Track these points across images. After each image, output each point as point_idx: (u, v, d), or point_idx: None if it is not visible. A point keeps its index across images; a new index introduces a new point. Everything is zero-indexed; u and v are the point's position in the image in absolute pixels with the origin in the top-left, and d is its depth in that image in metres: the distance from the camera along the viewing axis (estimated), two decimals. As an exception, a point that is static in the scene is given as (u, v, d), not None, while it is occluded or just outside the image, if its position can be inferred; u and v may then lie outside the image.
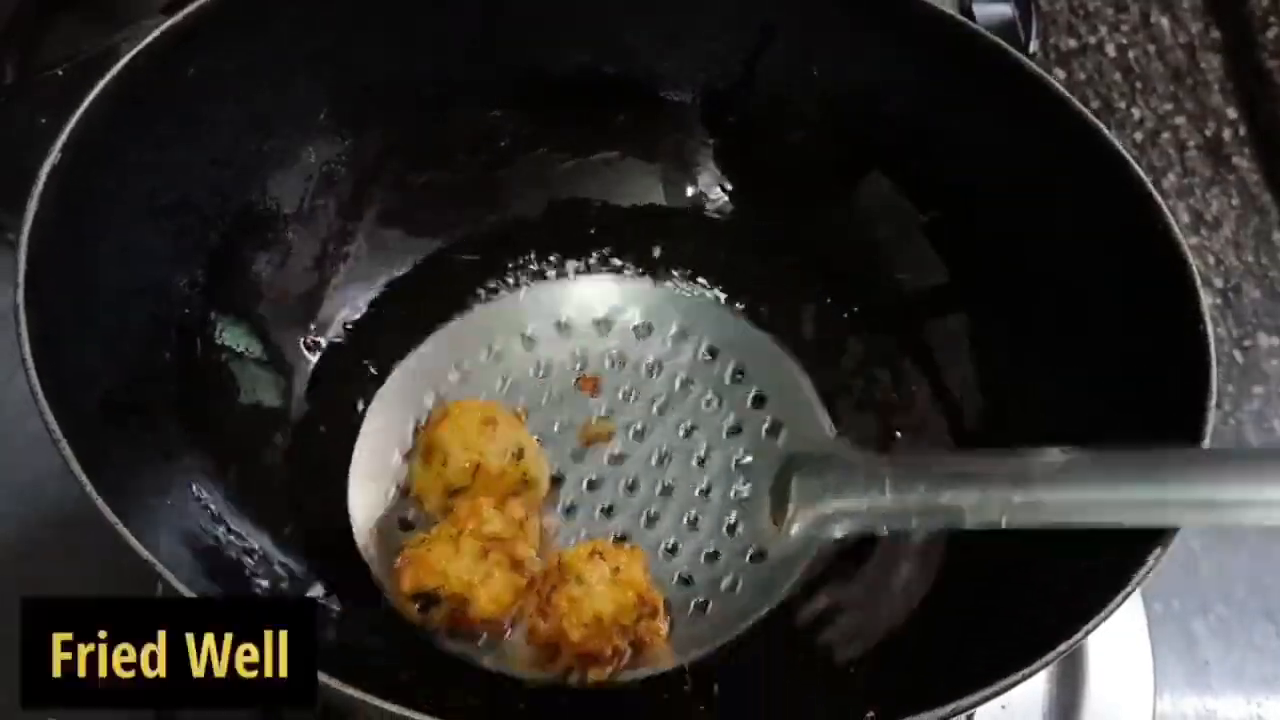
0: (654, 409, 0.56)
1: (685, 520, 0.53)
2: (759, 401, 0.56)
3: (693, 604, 0.51)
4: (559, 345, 0.58)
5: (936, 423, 0.59)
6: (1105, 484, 0.47)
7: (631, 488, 0.54)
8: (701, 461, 0.54)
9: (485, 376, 0.57)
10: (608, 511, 0.53)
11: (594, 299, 0.60)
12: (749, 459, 0.54)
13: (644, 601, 0.49)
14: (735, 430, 0.55)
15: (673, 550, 0.52)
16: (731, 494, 0.53)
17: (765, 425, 0.55)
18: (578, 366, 0.57)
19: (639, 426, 0.55)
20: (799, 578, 0.51)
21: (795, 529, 0.51)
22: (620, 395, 0.57)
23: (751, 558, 0.51)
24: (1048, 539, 0.50)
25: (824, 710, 0.49)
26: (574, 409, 0.56)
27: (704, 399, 0.56)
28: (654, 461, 0.54)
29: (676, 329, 0.58)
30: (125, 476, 0.47)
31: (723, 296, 0.62)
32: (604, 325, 0.59)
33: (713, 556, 0.52)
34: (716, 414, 0.56)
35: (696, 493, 0.53)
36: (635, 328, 0.59)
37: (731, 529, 0.52)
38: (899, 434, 0.58)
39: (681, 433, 0.55)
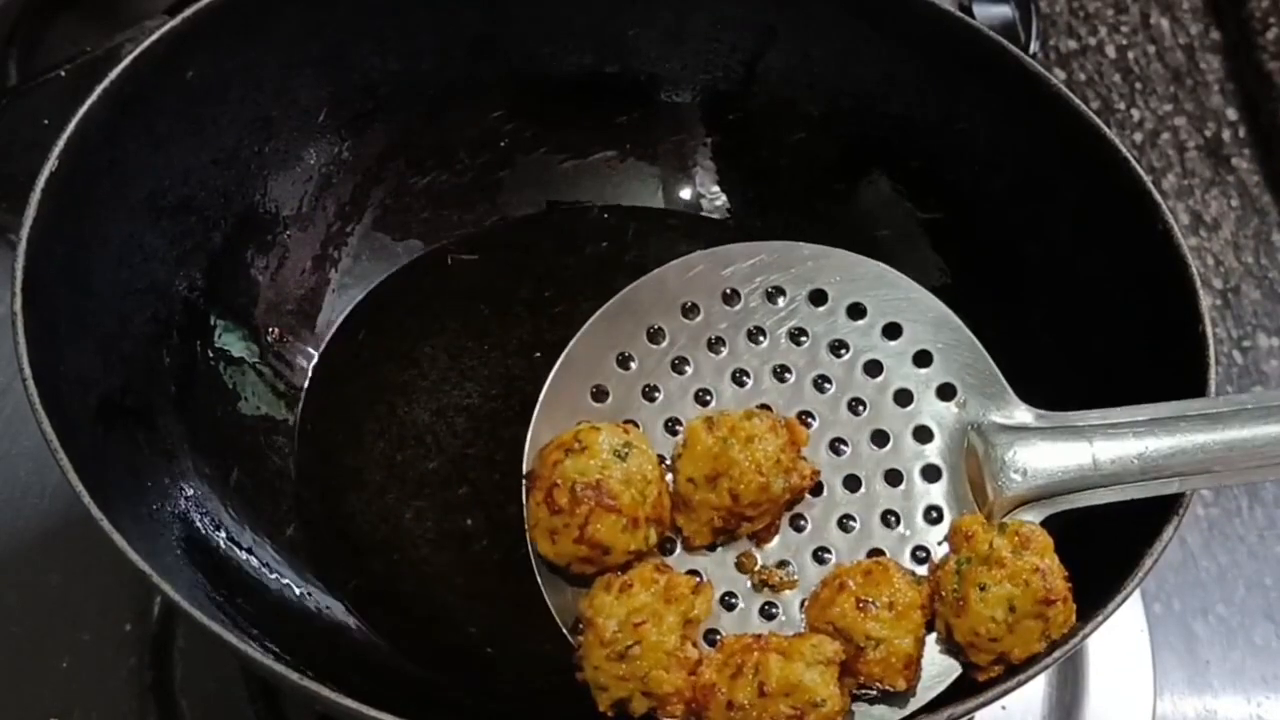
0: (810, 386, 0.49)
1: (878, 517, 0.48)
2: (922, 359, 0.49)
3: None
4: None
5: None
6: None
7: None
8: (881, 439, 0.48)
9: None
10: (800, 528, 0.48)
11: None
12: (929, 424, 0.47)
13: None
14: (905, 396, 0.48)
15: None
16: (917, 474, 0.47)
17: (934, 388, 0.48)
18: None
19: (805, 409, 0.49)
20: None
21: (1004, 518, 0.46)
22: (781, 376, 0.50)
23: None
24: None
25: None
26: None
27: (861, 363, 0.48)
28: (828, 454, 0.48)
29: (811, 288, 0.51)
30: (122, 483, 0.47)
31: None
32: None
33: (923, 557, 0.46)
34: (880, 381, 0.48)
35: (880, 480, 0.48)
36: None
37: (935, 517, 0.47)
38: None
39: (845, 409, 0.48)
